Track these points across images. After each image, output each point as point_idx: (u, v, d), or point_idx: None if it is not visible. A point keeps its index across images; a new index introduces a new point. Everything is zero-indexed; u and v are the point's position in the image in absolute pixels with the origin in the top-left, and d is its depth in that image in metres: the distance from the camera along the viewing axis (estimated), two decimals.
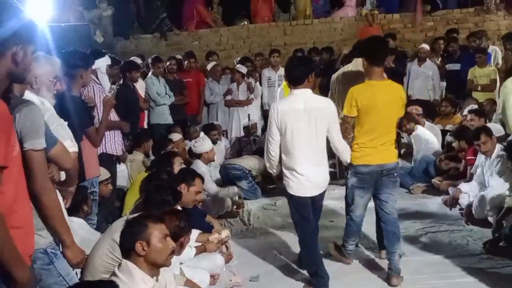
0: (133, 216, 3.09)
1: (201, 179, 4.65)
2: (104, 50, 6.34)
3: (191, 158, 6.67)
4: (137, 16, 10.90)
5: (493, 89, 8.34)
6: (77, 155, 3.38)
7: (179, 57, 9.12)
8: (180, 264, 3.85)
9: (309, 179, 4.10)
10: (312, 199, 4.19)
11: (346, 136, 4.21)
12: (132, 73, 7.04)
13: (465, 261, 4.52)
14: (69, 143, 3.05)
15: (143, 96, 7.66)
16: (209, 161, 6.50)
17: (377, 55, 4.17)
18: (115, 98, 4.94)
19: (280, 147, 4.14)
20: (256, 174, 7.08)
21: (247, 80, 8.93)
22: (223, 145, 8.39)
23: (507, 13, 10.46)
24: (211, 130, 7.76)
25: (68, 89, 4.21)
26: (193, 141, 6.73)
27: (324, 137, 4.12)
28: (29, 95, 2.88)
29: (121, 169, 5.83)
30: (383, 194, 4.30)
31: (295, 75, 4.12)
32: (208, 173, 6.31)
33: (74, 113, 3.99)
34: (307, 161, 4.08)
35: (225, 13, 11.27)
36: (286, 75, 4.50)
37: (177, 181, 4.44)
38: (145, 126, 7.76)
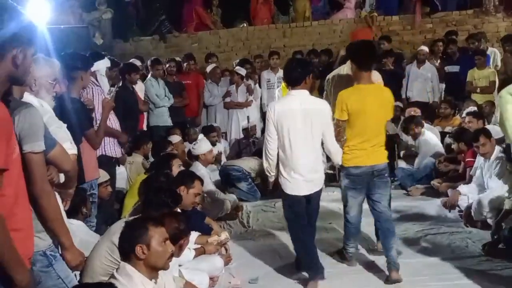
0: (133, 218, 3.08)
1: (200, 181, 4.65)
2: (103, 52, 6.34)
3: (190, 160, 6.67)
4: (137, 18, 10.90)
5: (492, 91, 8.35)
6: (76, 157, 3.37)
7: (178, 59, 9.12)
8: (179, 266, 3.86)
9: (305, 178, 4.20)
10: (308, 197, 4.27)
11: (339, 139, 4.31)
12: (131, 75, 7.05)
13: (464, 263, 4.52)
14: (68, 145, 3.05)
15: (142, 98, 7.67)
16: (208, 163, 6.43)
17: (364, 60, 4.27)
18: (114, 100, 4.95)
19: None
20: (255, 176, 7.08)
21: (246, 82, 8.93)
22: (222, 147, 8.38)
23: (506, 15, 10.47)
24: (211, 132, 7.76)
25: (68, 91, 4.22)
26: (193, 143, 6.74)
27: (319, 137, 4.23)
28: (29, 97, 2.88)
29: (120, 171, 5.83)
30: (376, 194, 4.38)
31: (293, 76, 4.24)
32: (207, 175, 6.30)
33: (73, 115, 3.99)
34: (303, 160, 4.18)
35: (225, 15, 11.28)
36: (284, 76, 4.61)
37: (176, 183, 4.44)
38: (144, 128, 7.77)
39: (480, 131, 5.70)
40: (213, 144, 7.28)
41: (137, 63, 8.17)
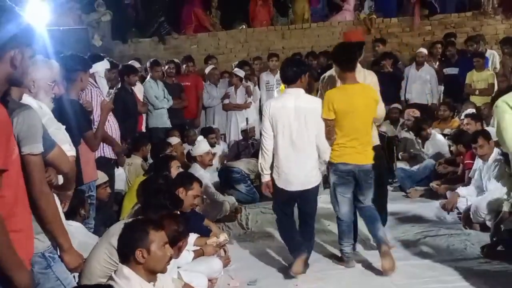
0: (133, 220, 3.06)
1: (199, 183, 4.65)
2: (102, 54, 6.34)
3: (189, 162, 6.66)
4: (136, 20, 10.91)
5: (491, 93, 8.33)
6: (75, 159, 3.37)
7: (177, 61, 9.12)
8: (178, 268, 3.85)
9: (297, 175, 4.37)
10: (300, 194, 4.44)
11: (329, 137, 4.44)
12: (130, 77, 7.06)
13: (463, 265, 4.51)
14: (67, 147, 3.04)
15: (141, 100, 7.67)
16: (205, 164, 6.34)
17: (344, 61, 4.43)
18: (113, 102, 4.95)
19: None
20: (254, 177, 7.08)
21: (245, 84, 8.93)
22: (221, 149, 8.38)
23: (504, 17, 10.50)
24: (209, 134, 7.75)
25: (67, 93, 4.22)
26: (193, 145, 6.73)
27: (313, 135, 4.38)
28: (27, 99, 2.87)
29: (119, 172, 5.83)
30: (360, 196, 4.55)
31: (288, 75, 4.43)
32: (206, 176, 6.30)
33: (72, 117, 4.00)
34: (296, 157, 4.35)
35: (224, 17, 11.28)
36: (280, 75, 4.77)
37: (175, 185, 4.44)
38: (143, 129, 7.76)
39: (480, 133, 5.71)
40: (212, 145, 7.28)
41: (136, 65, 8.17)
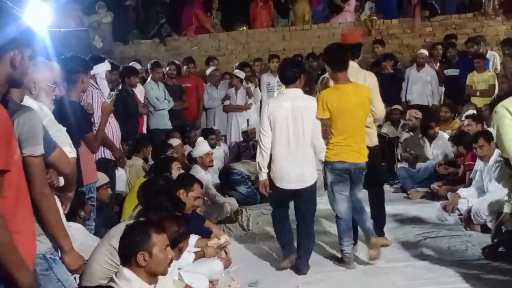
0: (135, 222, 3.05)
1: (200, 184, 4.66)
2: (103, 56, 6.34)
3: (190, 163, 6.66)
4: (137, 21, 10.91)
5: (491, 94, 8.35)
6: (75, 161, 3.37)
7: (178, 62, 9.13)
8: (179, 269, 3.85)
9: (293, 173, 4.45)
10: (296, 192, 4.51)
11: (326, 136, 4.50)
12: (131, 78, 7.07)
13: (464, 266, 4.51)
14: (68, 148, 3.04)
15: (142, 101, 7.67)
16: (205, 166, 6.35)
17: (335, 62, 4.51)
18: (114, 104, 4.95)
19: None
20: (255, 179, 7.07)
21: (245, 85, 8.94)
22: (222, 150, 8.38)
23: (505, 18, 10.49)
24: (210, 135, 7.76)
25: (68, 95, 4.22)
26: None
27: (310, 134, 4.45)
28: (28, 101, 2.88)
29: (120, 174, 5.83)
30: (352, 191, 4.63)
31: (286, 75, 4.53)
32: (207, 178, 6.30)
33: (73, 119, 3.99)
34: (292, 156, 4.44)
35: (224, 18, 11.28)
36: (279, 75, 4.86)
37: (176, 186, 4.44)
38: (144, 131, 7.77)
39: (481, 133, 5.71)
40: (212, 146, 7.28)
41: (137, 66, 8.18)
